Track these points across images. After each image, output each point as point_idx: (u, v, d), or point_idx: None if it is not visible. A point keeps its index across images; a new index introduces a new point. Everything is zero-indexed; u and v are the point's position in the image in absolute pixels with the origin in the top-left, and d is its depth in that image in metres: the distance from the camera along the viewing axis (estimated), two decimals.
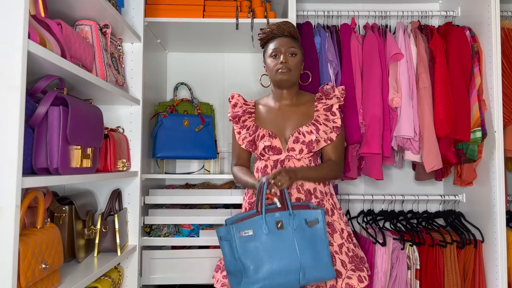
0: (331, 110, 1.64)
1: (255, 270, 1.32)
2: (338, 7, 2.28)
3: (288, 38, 1.64)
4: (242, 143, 1.65)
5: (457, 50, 1.96)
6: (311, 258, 1.34)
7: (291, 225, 1.37)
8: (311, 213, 1.40)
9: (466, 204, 2.15)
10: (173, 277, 1.92)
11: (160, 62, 2.34)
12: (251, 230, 1.36)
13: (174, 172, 2.37)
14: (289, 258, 1.33)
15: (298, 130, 1.60)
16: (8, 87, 0.94)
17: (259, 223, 1.36)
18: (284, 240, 1.35)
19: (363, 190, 2.38)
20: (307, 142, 1.58)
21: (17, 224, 0.94)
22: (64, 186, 1.76)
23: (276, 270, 1.32)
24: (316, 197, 1.57)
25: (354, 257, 1.52)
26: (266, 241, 1.34)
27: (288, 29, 1.65)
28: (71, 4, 1.43)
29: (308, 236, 1.37)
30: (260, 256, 1.33)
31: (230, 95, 1.75)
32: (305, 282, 1.34)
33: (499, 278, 1.87)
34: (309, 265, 1.34)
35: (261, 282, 1.32)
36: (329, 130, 1.61)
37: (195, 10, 1.97)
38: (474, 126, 1.92)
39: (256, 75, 2.44)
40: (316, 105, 1.66)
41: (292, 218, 1.38)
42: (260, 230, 1.35)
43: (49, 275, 1.15)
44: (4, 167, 0.93)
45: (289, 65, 1.59)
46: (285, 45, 1.61)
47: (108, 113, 1.80)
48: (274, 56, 1.62)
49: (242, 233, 1.35)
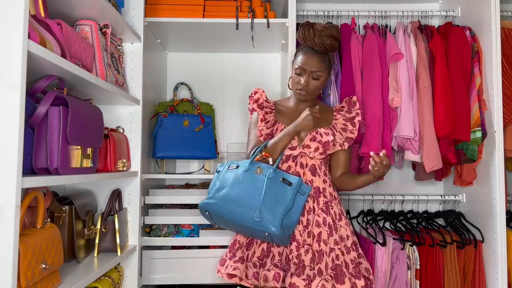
0: (352, 121, 1.70)
1: (217, 189, 1.55)
2: (338, 7, 2.27)
3: (318, 57, 1.61)
4: (260, 134, 1.67)
5: (457, 50, 1.96)
6: (269, 204, 1.48)
7: (267, 173, 1.53)
8: (289, 176, 1.55)
9: (466, 204, 2.15)
10: (173, 277, 1.92)
11: (160, 62, 2.34)
12: (236, 165, 1.59)
13: (174, 172, 2.37)
14: (252, 194, 1.50)
15: (316, 130, 1.65)
16: (8, 87, 0.94)
17: (245, 162, 1.58)
18: (255, 181, 1.52)
19: (363, 190, 2.37)
20: (323, 142, 1.62)
21: (17, 224, 0.94)
22: (64, 186, 1.76)
23: (232, 196, 1.51)
24: (325, 196, 1.61)
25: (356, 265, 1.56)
26: (240, 175, 1.55)
27: (323, 44, 1.60)
28: (71, 4, 1.43)
29: (276, 189, 1.51)
30: (228, 182, 1.55)
31: (253, 90, 1.77)
32: (259, 219, 1.46)
33: (499, 278, 1.87)
34: (266, 207, 1.47)
35: (216, 199, 1.53)
36: (343, 139, 1.67)
37: (195, 10, 1.97)
38: (474, 126, 1.92)
39: (257, 75, 2.44)
40: (335, 115, 1.73)
41: (272, 171, 1.53)
42: (242, 167, 1.57)
43: (49, 275, 1.15)
44: (4, 167, 0.93)
45: (308, 88, 1.63)
46: (311, 66, 1.60)
47: (108, 113, 1.80)
48: (299, 73, 1.63)
49: (230, 166, 1.61)
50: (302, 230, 1.56)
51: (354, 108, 1.73)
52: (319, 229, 1.56)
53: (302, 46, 1.66)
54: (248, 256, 1.59)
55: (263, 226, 1.45)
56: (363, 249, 1.94)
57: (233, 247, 1.65)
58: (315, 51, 1.62)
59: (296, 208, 1.50)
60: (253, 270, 1.54)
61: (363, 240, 2.01)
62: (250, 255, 1.59)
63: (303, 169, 1.62)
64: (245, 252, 1.61)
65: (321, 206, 1.59)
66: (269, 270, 1.52)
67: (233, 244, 1.66)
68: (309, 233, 1.56)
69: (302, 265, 1.52)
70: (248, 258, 1.59)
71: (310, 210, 1.59)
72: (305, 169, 1.62)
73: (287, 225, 1.47)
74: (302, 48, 1.65)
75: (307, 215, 1.58)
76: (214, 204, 1.52)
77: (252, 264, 1.56)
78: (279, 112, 1.73)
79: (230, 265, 1.56)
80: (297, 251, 1.54)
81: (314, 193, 1.60)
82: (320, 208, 1.59)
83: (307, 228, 1.57)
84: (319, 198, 1.60)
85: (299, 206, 1.51)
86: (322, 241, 1.55)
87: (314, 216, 1.58)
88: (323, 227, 1.56)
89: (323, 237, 1.55)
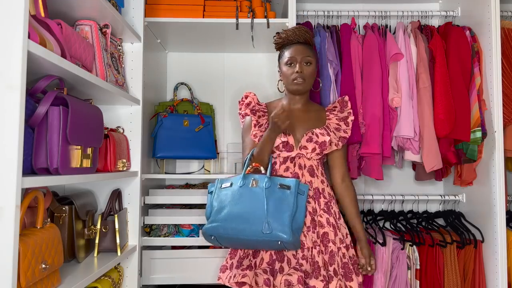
0: (346, 121, 1.71)
1: (218, 211, 1.51)
2: (338, 7, 2.27)
3: (303, 46, 1.66)
4: (254, 138, 1.66)
5: (457, 50, 1.96)
6: (274, 213, 1.45)
7: (263, 184, 1.51)
8: (285, 180, 1.52)
9: (466, 204, 2.15)
10: (173, 277, 1.92)
11: (160, 62, 2.34)
12: (230, 183, 1.56)
13: (174, 172, 2.37)
14: (255, 207, 1.46)
15: (311, 131, 1.65)
16: (8, 87, 0.94)
17: (238, 178, 1.55)
18: (253, 194, 1.49)
19: (363, 190, 2.37)
20: (320, 142, 1.63)
21: (17, 224, 0.94)
22: (64, 186, 1.76)
23: (235, 214, 1.47)
24: (325, 197, 1.63)
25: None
26: (237, 191, 1.52)
27: (304, 35, 1.67)
28: (71, 4, 1.43)
29: (276, 196, 1.49)
30: (227, 201, 1.51)
31: (244, 94, 1.78)
32: (269, 231, 1.42)
33: (499, 278, 1.87)
34: (272, 217, 1.44)
35: (219, 222, 1.48)
36: (337, 139, 1.67)
37: (195, 10, 1.97)
38: (474, 126, 1.92)
39: (257, 75, 2.44)
40: (328, 114, 1.73)
41: (267, 180, 1.51)
42: (236, 184, 1.53)
43: (49, 275, 1.15)
44: (4, 167, 0.93)
45: (304, 74, 1.64)
46: (301, 53, 1.64)
47: (108, 113, 1.80)
48: (290, 64, 1.65)
49: (223, 185, 1.57)
50: (306, 231, 1.56)
51: (347, 108, 1.74)
52: (324, 229, 1.58)
53: (285, 44, 1.70)
54: (256, 264, 1.56)
55: (274, 236, 1.42)
56: None
57: (234, 253, 1.62)
58: (299, 42, 1.67)
59: (300, 210, 1.49)
60: (263, 276, 1.50)
61: None
62: (258, 262, 1.56)
63: (301, 170, 1.63)
64: (252, 260, 1.58)
65: (322, 206, 1.61)
66: (291, 275, 1.48)
67: (235, 251, 1.62)
68: (317, 234, 1.57)
69: (317, 266, 1.53)
70: (257, 265, 1.56)
71: (314, 211, 1.60)
72: (304, 170, 1.63)
73: (296, 229, 1.47)
74: (286, 45, 1.70)
75: (312, 215, 1.58)
76: (218, 227, 1.48)
77: (262, 270, 1.52)
78: (271, 114, 1.73)
79: (238, 273, 1.51)
80: (308, 251, 1.54)
81: (314, 194, 1.61)
82: (322, 208, 1.60)
83: (315, 229, 1.57)
84: (319, 199, 1.61)
85: (302, 206, 1.51)
86: (331, 241, 1.56)
87: (317, 217, 1.59)
88: (328, 227, 1.58)
89: (330, 237, 1.57)
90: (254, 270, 1.53)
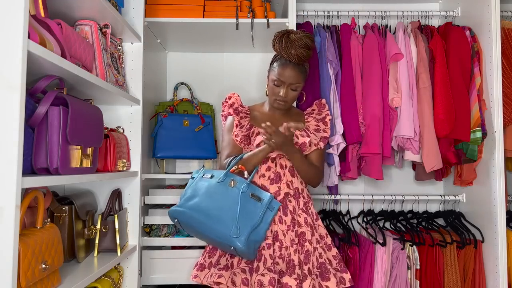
0: (324, 120, 1.72)
1: (188, 198, 1.53)
2: (338, 7, 2.27)
3: (295, 70, 1.59)
4: (235, 137, 1.66)
5: (457, 50, 1.96)
6: (241, 218, 1.46)
7: (241, 187, 1.51)
8: (261, 192, 1.53)
9: (466, 204, 2.15)
10: (173, 277, 1.92)
11: (160, 62, 2.34)
12: (211, 174, 1.56)
13: (174, 172, 2.37)
14: (225, 207, 1.48)
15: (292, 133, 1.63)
16: (8, 87, 0.94)
17: (220, 173, 1.56)
18: (227, 194, 1.51)
19: (363, 190, 2.37)
20: (300, 144, 1.65)
21: (17, 224, 0.94)
22: (64, 186, 1.76)
23: (202, 207, 1.49)
24: (304, 197, 1.65)
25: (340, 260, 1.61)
26: (213, 186, 1.53)
27: (299, 58, 1.58)
28: (71, 4, 1.43)
29: (248, 204, 1.49)
30: (200, 192, 1.53)
31: (228, 95, 1.78)
32: (236, 236, 1.43)
33: (499, 278, 1.86)
34: (242, 222, 1.46)
35: (186, 208, 1.51)
36: (318, 139, 1.68)
37: (195, 10, 1.97)
38: (474, 126, 1.92)
39: (256, 75, 2.44)
40: (307, 117, 1.75)
41: (246, 186, 1.51)
42: (216, 178, 1.54)
43: (49, 275, 1.15)
44: (4, 167, 0.93)
45: (287, 98, 1.63)
46: (290, 79, 1.59)
47: (108, 113, 1.80)
48: (277, 84, 1.62)
49: (204, 175, 1.58)
50: (285, 229, 1.58)
51: (324, 110, 1.75)
52: (302, 229, 1.59)
53: (279, 56, 1.64)
54: (233, 264, 1.56)
55: (228, 240, 1.44)
56: (363, 249, 1.95)
57: (213, 252, 1.61)
58: (292, 63, 1.60)
59: (264, 224, 1.50)
60: (242, 276, 1.50)
61: (363, 240, 2.01)
62: (236, 262, 1.56)
63: (283, 170, 1.64)
64: (229, 260, 1.58)
65: (301, 206, 1.63)
66: (264, 275, 1.48)
67: (214, 248, 1.62)
68: (296, 233, 1.58)
69: (292, 264, 1.53)
70: (234, 265, 1.56)
71: (294, 210, 1.61)
72: (285, 170, 1.64)
73: (253, 241, 1.47)
74: (279, 59, 1.63)
75: (292, 214, 1.60)
76: (183, 212, 1.51)
77: (241, 270, 1.52)
78: (254, 117, 1.73)
79: (215, 273, 1.52)
80: (286, 250, 1.55)
81: (294, 194, 1.63)
82: (301, 208, 1.63)
83: (294, 228, 1.58)
84: (299, 199, 1.64)
85: (267, 222, 1.51)
86: (307, 241, 1.57)
87: (296, 216, 1.61)
88: (305, 227, 1.59)
89: (307, 237, 1.58)
90: (231, 270, 1.53)
